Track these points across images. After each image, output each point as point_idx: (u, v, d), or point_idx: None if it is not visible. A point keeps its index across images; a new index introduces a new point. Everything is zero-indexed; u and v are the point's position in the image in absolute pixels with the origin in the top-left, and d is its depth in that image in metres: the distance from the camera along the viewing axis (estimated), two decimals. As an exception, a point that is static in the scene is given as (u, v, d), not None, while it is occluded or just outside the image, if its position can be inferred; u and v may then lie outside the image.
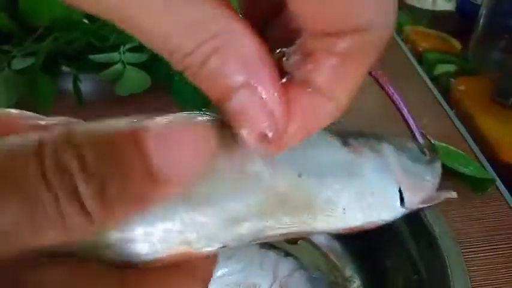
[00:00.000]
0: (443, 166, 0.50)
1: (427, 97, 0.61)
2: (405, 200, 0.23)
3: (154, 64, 0.46)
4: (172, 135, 0.15)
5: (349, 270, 0.39)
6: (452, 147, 0.50)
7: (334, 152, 0.22)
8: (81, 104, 0.48)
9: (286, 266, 0.37)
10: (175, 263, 0.17)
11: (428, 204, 0.25)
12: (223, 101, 0.14)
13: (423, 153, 0.27)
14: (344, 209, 0.21)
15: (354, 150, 0.22)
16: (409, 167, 0.25)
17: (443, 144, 0.50)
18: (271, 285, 0.35)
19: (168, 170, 0.14)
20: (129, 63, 0.45)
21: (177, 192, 0.15)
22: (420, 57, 0.68)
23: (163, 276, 0.16)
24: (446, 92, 0.62)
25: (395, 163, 0.24)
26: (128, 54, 0.45)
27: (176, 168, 0.15)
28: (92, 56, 0.45)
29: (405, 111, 0.50)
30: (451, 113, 0.59)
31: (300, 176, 0.19)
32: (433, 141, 0.52)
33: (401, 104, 0.52)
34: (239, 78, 0.14)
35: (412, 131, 0.52)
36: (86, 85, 0.51)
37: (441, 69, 0.64)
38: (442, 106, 0.60)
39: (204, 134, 0.15)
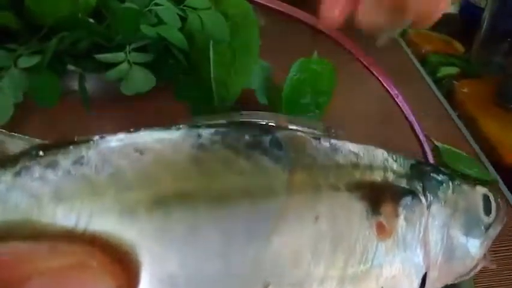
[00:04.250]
0: (447, 167, 0.50)
1: (430, 99, 0.62)
2: (427, 285, 0.19)
3: (160, 64, 0.46)
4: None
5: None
6: (455, 149, 0.50)
7: (345, 231, 0.17)
8: (86, 103, 0.48)
9: None
10: None
11: (456, 282, 0.21)
12: None
13: (488, 210, 0.21)
14: None
15: (381, 227, 0.18)
16: (455, 241, 0.20)
17: (447, 146, 0.50)
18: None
19: None
20: (134, 63, 0.46)
21: None
22: (423, 60, 0.68)
23: None
24: (449, 94, 0.62)
25: (436, 239, 0.19)
26: (133, 53, 0.46)
27: None
28: (97, 56, 0.45)
29: (409, 113, 0.50)
30: (454, 115, 0.59)
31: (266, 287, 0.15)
32: (436, 143, 0.52)
33: (405, 106, 0.52)
34: None
35: (415, 134, 0.53)
36: (92, 84, 0.51)
37: (444, 71, 0.65)
38: (445, 108, 0.60)
39: (105, 285, 0.12)
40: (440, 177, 0.21)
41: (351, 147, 0.19)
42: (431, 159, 0.48)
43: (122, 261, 0.13)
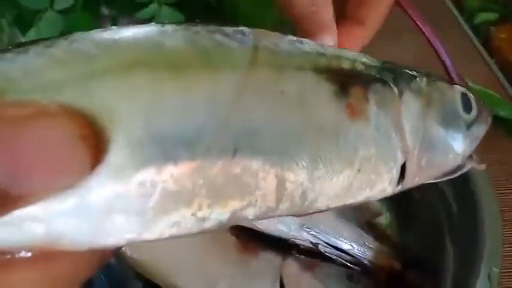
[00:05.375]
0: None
1: (466, 45, 0.60)
2: (406, 178, 0.19)
3: (188, 3, 0.47)
4: (21, 136, 0.11)
5: (377, 202, 0.40)
6: (488, 91, 0.49)
7: (313, 110, 0.17)
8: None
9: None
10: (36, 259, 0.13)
11: (443, 179, 0.21)
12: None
13: (468, 108, 0.21)
14: (304, 192, 0.16)
15: (350, 108, 0.17)
16: (433, 132, 0.19)
17: (480, 87, 0.49)
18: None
19: (12, 186, 0.11)
20: (164, 3, 0.46)
21: (28, 205, 0.12)
22: (460, 6, 0.66)
23: (17, 274, 0.13)
24: (486, 41, 0.60)
25: (411, 127, 0.19)
26: (163, -6, 0.46)
27: (24, 184, 0.12)
28: (129, -4, 0.46)
29: (442, 51, 0.49)
30: (490, 61, 0.57)
31: (234, 152, 0.15)
32: (469, 84, 0.51)
33: (439, 44, 0.50)
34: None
35: (448, 74, 0.51)
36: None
37: (482, 17, 0.62)
38: (481, 54, 0.58)
39: (74, 134, 0.12)
40: (413, 72, 0.21)
41: (318, 43, 0.19)
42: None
43: (86, 116, 0.13)
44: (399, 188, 0.19)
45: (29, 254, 0.13)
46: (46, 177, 0.12)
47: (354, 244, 0.35)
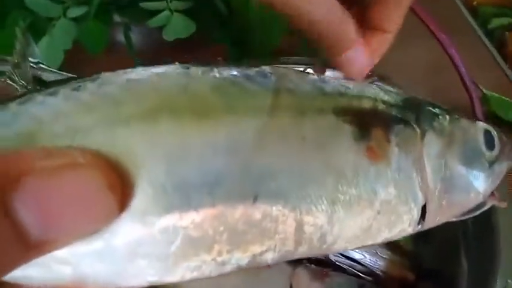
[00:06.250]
0: (495, 116, 0.47)
1: (481, 51, 0.59)
2: (427, 218, 0.18)
3: (199, 11, 0.47)
4: (53, 187, 0.12)
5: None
6: (505, 98, 0.48)
7: (333, 153, 0.16)
8: (131, 51, 0.50)
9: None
10: None
11: (464, 218, 0.20)
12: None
13: (490, 145, 0.20)
14: (323, 235, 0.16)
15: (371, 151, 0.17)
16: (455, 172, 0.19)
17: (496, 95, 0.48)
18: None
19: (45, 233, 0.12)
20: (175, 10, 0.47)
21: (59, 249, 0.13)
22: (474, 11, 0.65)
23: None
24: (500, 46, 0.59)
25: (433, 168, 0.18)
26: (174, 1, 0.47)
27: (56, 230, 0.12)
28: (141, 4, 0.46)
29: (457, 58, 0.48)
30: (505, 67, 0.57)
31: (255, 198, 0.15)
32: (484, 91, 0.50)
33: (453, 51, 0.50)
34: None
35: (463, 80, 0.51)
36: (135, 36, 0.53)
37: (496, 22, 0.61)
38: (496, 60, 0.58)
39: (102, 184, 0.13)
40: (435, 110, 0.20)
41: (340, 81, 0.19)
42: (478, 107, 0.46)
43: (113, 164, 0.14)
44: (419, 227, 0.19)
45: None
46: (75, 224, 0.13)
47: (365, 254, 0.35)
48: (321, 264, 0.34)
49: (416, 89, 0.43)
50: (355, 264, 0.34)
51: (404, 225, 0.18)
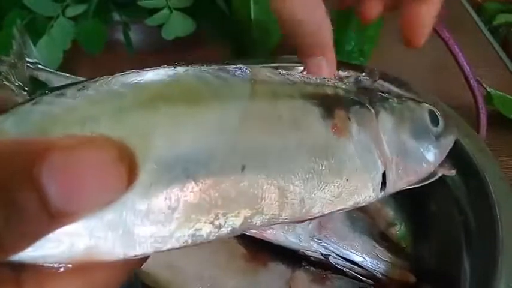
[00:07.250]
0: (499, 115, 0.47)
1: (485, 48, 0.58)
2: (388, 185, 0.21)
3: (199, 9, 0.46)
4: (74, 161, 0.13)
5: (391, 213, 0.39)
6: (509, 96, 0.47)
7: (305, 131, 0.20)
8: (130, 50, 0.50)
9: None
10: (78, 269, 0.16)
11: (420, 185, 0.23)
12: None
13: (435, 122, 0.24)
14: (302, 200, 0.19)
15: (335, 127, 0.20)
16: (407, 144, 0.22)
17: (500, 93, 0.47)
18: (309, 222, 0.35)
19: (67, 204, 0.13)
20: (175, 8, 0.46)
21: (76, 221, 0.14)
22: (479, 8, 0.64)
23: (62, 282, 0.16)
24: (505, 42, 0.58)
25: (388, 141, 0.22)
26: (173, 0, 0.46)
27: (77, 201, 0.14)
28: (140, 2, 0.46)
29: (461, 56, 0.47)
30: (510, 64, 0.56)
31: (243, 169, 0.18)
32: (488, 89, 0.49)
33: (457, 49, 0.49)
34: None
35: (466, 78, 0.50)
36: (134, 35, 0.52)
37: (501, 19, 0.60)
38: (500, 57, 0.57)
39: (114, 157, 0.14)
40: (385, 95, 0.24)
41: (304, 74, 0.23)
42: (482, 104, 0.46)
43: (121, 142, 0.16)
44: (382, 193, 0.22)
45: (70, 266, 0.16)
46: (93, 195, 0.14)
47: (366, 256, 0.34)
48: (321, 267, 0.34)
49: (420, 87, 0.42)
50: (355, 267, 0.34)
51: (369, 191, 0.21)
